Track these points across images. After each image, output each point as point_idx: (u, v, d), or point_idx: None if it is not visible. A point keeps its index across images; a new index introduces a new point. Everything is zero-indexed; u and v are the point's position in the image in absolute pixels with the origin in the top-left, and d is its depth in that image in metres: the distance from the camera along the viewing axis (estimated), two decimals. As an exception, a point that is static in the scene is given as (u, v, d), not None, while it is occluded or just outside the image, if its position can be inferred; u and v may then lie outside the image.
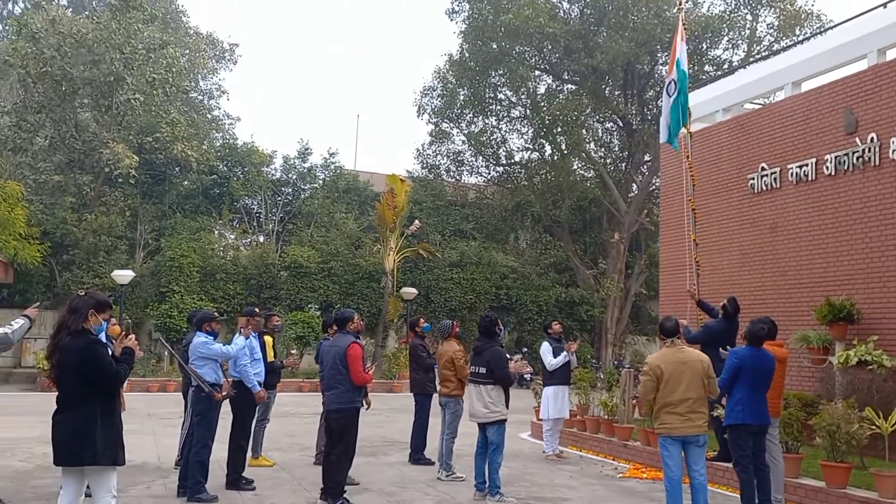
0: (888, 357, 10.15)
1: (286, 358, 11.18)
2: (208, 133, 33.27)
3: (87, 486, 5.15)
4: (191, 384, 8.04)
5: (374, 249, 27.56)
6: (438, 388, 9.44)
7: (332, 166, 31.76)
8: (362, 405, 7.90)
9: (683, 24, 11.37)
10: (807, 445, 8.94)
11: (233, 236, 29.69)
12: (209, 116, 36.39)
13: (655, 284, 22.05)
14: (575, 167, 32.13)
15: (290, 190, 30.94)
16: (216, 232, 28.80)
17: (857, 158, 11.36)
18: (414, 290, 25.87)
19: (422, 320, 11.12)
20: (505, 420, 8.04)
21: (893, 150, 10.80)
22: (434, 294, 28.15)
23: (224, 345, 8.05)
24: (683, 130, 11.57)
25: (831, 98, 11.98)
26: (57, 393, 5.12)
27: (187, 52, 33.51)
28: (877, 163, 11.05)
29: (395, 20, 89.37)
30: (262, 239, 29.75)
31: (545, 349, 11.16)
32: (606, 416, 11.73)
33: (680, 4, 11.61)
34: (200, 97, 37.34)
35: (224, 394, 7.85)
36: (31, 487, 7.91)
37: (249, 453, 9.00)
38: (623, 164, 32.29)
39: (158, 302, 25.10)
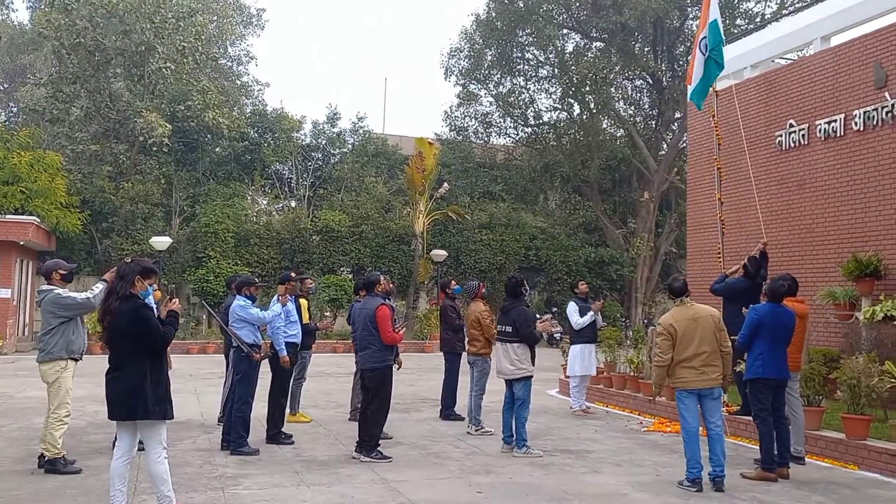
0: (914, 312, 10.21)
1: (321, 321, 11.56)
2: (238, 99, 33.67)
3: (140, 441, 5.56)
4: (231, 345, 8.45)
5: (403, 212, 27.89)
6: (467, 347, 9.74)
7: (361, 130, 32.01)
8: (394, 363, 8.23)
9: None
10: (829, 399, 9.10)
11: (265, 202, 30.23)
12: (238, 83, 36.75)
13: (685, 243, 22.05)
14: (604, 126, 31.97)
15: (319, 155, 31.31)
16: (249, 198, 29.35)
17: (887, 113, 11.26)
18: (444, 252, 26.20)
19: (452, 282, 11.39)
20: (531, 376, 8.32)
21: (923, 105, 10.71)
22: (464, 256, 28.45)
23: (262, 309, 8.42)
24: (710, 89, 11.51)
25: (861, 52, 11.84)
26: (109, 354, 5.51)
27: (215, 18, 33.75)
28: (906, 117, 10.97)
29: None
30: (293, 204, 30.25)
31: (571, 309, 11.41)
32: (633, 373, 11.98)
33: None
34: (229, 63, 37.69)
35: (262, 354, 8.24)
36: (85, 442, 8.42)
37: (288, 410, 9.44)
38: (653, 123, 32.03)
39: (195, 267, 25.75)
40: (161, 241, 22.82)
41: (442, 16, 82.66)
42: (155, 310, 5.65)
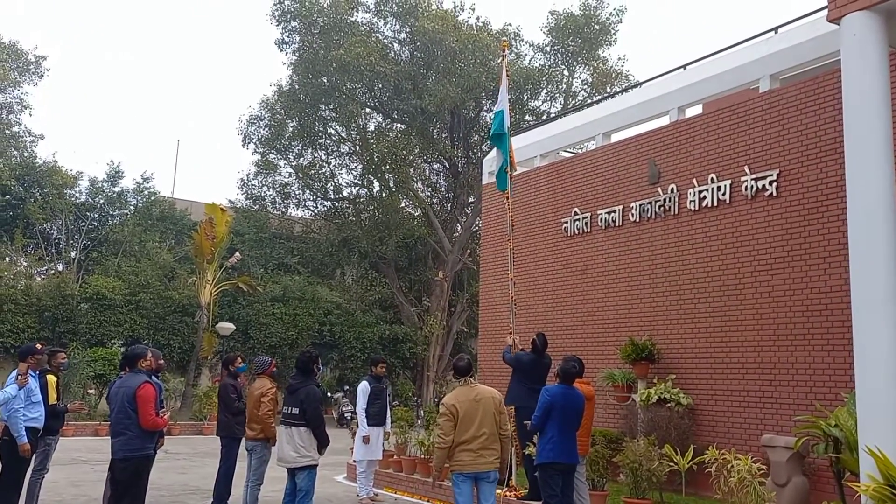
0: (685, 395, 10.80)
1: (72, 402, 10.04)
2: (5, 150, 30.26)
3: None
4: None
5: (189, 281, 26.03)
6: (246, 430, 8.82)
7: (146, 192, 29.90)
8: (155, 452, 7.16)
9: (507, 73, 11.62)
10: (612, 482, 9.23)
11: (26, 263, 26.91)
12: (7, 132, 33.15)
13: (476, 322, 22.47)
14: (402, 205, 32.37)
15: (96, 215, 28.68)
16: (7, 258, 25.98)
17: (659, 207, 12.14)
18: (231, 326, 24.67)
19: (238, 359, 10.40)
20: (316, 465, 7.61)
21: (691, 201, 11.65)
22: (253, 329, 26.98)
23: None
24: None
25: (637, 150, 12.79)
26: None
27: (-15, 60, 30.43)
28: (676, 212, 11.87)
29: (222, 45, 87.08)
30: (61, 267, 27.23)
31: (362, 389, 10.89)
32: (423, 456, 11.55)
33: (504, 52, 11.91)
34: (-2, 110, 33.93)
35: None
36: None
37: (21, 508, 7.94)
38: (448, 205, 32.98)
39: (-70, 335, 22.09)
40: None
41: (243, 81, 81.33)
42: None
